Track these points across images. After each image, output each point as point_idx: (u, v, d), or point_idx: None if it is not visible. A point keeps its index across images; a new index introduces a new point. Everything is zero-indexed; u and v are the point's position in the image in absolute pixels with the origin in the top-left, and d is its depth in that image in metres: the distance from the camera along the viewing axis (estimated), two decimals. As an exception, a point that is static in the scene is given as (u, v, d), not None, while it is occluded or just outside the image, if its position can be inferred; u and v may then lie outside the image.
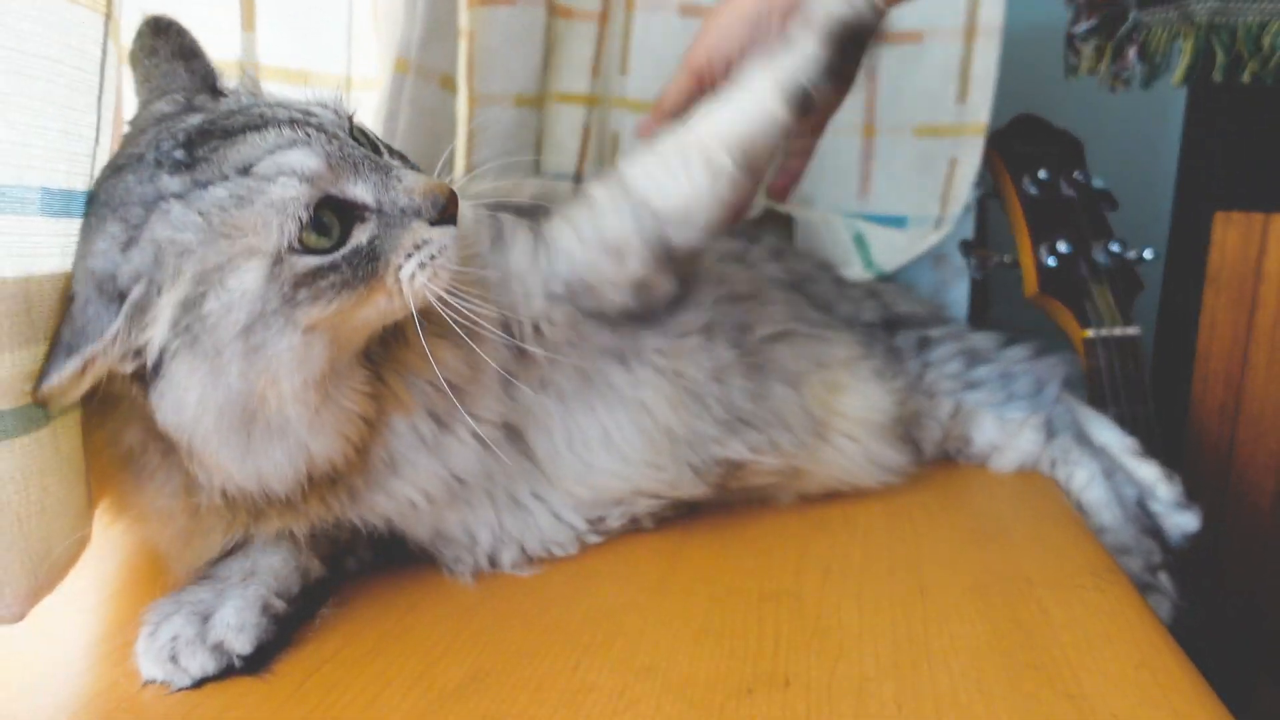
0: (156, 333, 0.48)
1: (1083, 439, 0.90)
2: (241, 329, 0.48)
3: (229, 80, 0.57)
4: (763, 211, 1.17)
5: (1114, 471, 0.88)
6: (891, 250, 1.12)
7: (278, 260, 0.48)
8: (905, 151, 1.14)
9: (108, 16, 0.49)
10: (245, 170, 0.49)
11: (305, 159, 0.49)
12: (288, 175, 0.49)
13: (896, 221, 1.15)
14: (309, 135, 0.51)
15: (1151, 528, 0.84)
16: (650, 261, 0.63)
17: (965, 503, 0.82)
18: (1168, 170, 1.16)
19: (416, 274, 0.51)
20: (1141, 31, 1.05)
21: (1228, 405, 1.09)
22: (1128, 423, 0.98)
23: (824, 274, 0.99)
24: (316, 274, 0.49)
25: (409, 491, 0.58)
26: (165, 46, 0.56)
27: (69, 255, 0.49)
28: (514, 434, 0.63)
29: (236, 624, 0.52)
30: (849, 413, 0.78)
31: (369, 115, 0.92)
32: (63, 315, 0.48)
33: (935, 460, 0.90)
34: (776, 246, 0.98)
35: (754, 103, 0.64)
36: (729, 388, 0.70)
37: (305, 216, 0.48)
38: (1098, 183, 1.09)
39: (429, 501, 0.59)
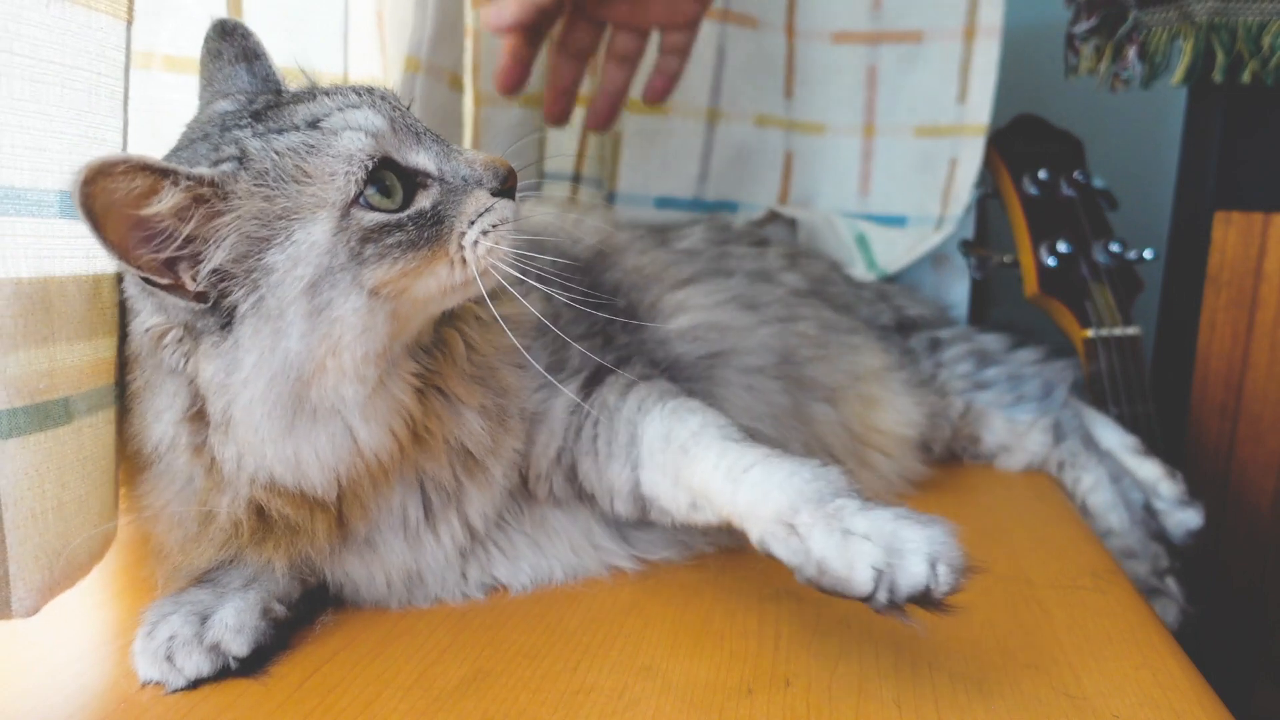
0: (218, 256, 0.48)
1: (1090, 443, 0.90)
2: (307, 285, 0.48)
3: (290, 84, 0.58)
4: (766, 212, 1.17)
5: (1121, 476, 0.88)
6: (893, 251, 1.12)
7: (345, 214, 0.49)
8: (905, 151, 1.15)
9: (129, 23, 0.50)
10: (314, 124, 0.51)
11: (370, 117, 0.52)
12: (354, 130, 0.50)
13: (897, 221, 1.15)
14: (374, 101, 0.53)
15: (1159, 532, 0.84)
16: (627, 505, 0.62)
17: (966, 503, 0.82)
18: (1168, 170, 1.16)
19: (480, 240, 0.52)
20: (1141, 31, 1.05)
21: (1228, 404, 1.09)
22: (1128, 422, 0.98)
23: (837, 273, 1.00)
24: (383, 231, 0.49)
25: (376, 569, 0.58)
26: (230, 49, 0.58)
27: (94, 257, 0.50)
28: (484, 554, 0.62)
29: (235, 625, 0.52)
30: (884, 428, 0.80)
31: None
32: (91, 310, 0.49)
33: (942, 460, 0.91)
34: (789, 250, 0.98)
35: (753, 506, 0.53)
36: (780, 426, 0.70)
37: (371, 165, 0.50)
38: (1098, 182, 1.09)
39: (388, 585, 0.59)
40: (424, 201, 0.51)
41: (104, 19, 0.49)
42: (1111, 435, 0.93)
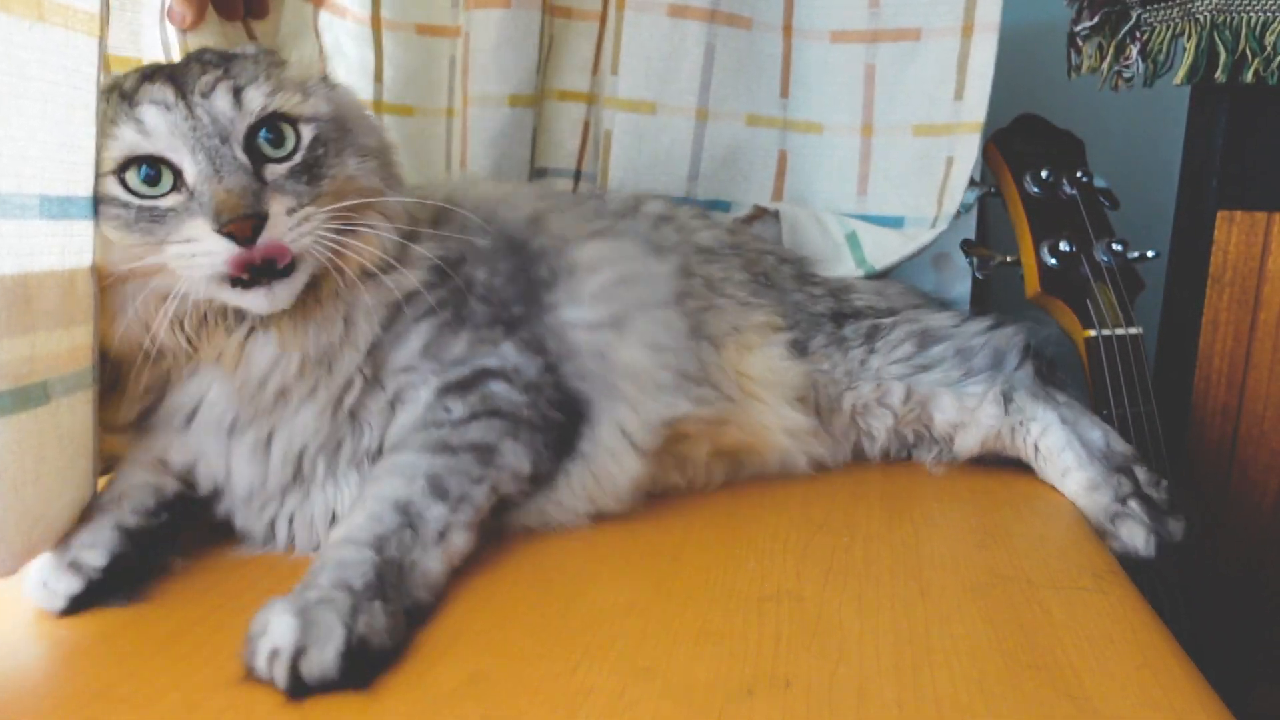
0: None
1: (1037, 394, 0.88)
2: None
3: None
4: (753, 208, 1.17)
5: (1077, 419, 0.86)
6: (884, 249, 1.11)
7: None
8: (903, 151, 1.14)
9: (101, 39, 0.55)
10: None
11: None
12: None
13: (894, 222, 1.14)
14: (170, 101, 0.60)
15: (1122, 467, 0.81)
16: None
17: (966, 503, 0.81)
18: (1170, 169, 1.16)
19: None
20: (1144, 30, 1.05)
21: (1230, 405, 1.09)
22: (1129, 422, 0.97)
23: (786, 266, 0.99)
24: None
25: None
26: None
27: (67, 254, 0.55)
28: None
29: (89, 541, 0.59)
30: (753, 374, 0.83)
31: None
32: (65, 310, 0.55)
33: (899, 453, 0.91)
34: (701, 214, 1.00)
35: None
36: (680, 353, 0.77)
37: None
38: (1100, 182, 1.09)
39: None
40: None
41: (81, 38, 0.53)
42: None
